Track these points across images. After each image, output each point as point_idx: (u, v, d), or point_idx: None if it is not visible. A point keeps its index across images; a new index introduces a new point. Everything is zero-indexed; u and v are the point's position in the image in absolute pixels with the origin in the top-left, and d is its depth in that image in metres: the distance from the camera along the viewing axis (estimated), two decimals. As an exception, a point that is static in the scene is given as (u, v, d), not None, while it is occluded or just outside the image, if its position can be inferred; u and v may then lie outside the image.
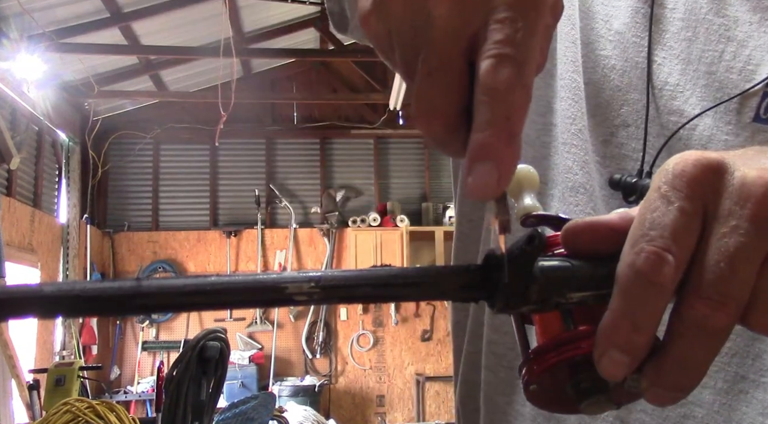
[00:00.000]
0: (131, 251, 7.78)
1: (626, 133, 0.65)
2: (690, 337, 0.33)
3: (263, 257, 7.88)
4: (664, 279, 0.33)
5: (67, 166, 7.17)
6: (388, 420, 7.78)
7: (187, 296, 0.33)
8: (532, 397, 0.38)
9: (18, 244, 5.85)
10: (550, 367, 0.36)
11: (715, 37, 0.63)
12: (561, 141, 0.69)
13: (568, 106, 0.69)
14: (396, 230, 7.68)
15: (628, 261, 0.34)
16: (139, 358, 7.52)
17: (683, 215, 0.34)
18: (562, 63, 0.71)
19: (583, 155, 0.67)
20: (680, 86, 0.64)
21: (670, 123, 0.63)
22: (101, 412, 2.90)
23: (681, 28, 0.65)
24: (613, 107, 0.66)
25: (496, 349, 0.69)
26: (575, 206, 0.67)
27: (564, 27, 0.71)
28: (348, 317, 7.86)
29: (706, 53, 0.63)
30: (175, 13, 6.24)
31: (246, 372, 7.18)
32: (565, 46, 0.71)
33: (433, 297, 0.36)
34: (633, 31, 0.66)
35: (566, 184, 0.68)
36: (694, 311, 0.33)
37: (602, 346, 0.34)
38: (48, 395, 3.73)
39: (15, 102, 5.85)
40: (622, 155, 0.65)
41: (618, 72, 0.66)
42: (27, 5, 5.13)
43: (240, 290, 0.33)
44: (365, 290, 0.35)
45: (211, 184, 8.05)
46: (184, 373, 2.85)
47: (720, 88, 0.62)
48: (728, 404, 0.58)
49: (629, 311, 0.33)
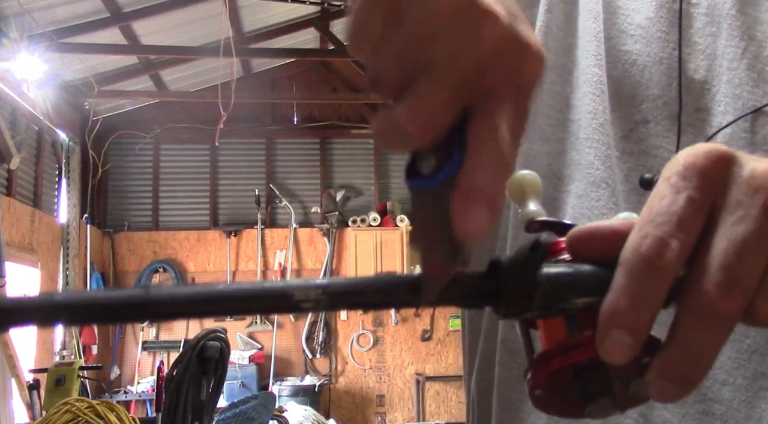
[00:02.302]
0: (131, 251, 7.78)
1: (646, 130, 0.65)
2: (696, 324, 0.33)
3: (263, 257, 7.88)
4: (667, 263, 0.33)
5: (67, 166, 7.17)
6: (388, 420, 7.78)
7: (197, 304, 0.33)
8: (538, 402, 0.38)
9: (18, 244, 5.85)
10: (555, 371, 0.36)
11: (738, 33, 0.63)
12: (583, 136, 0.68)
13: (590, 100, 0.68)
14: (396, 229, 7.68)
15: (633, 245, 0.34)
16: (139, 358, 7.52)
17: (691, 203, 0.34)
18: (583, 58, 0.70)
19: (605, 150, 0.67)
20: (707, 83, 0.63)
21: (697, 121, 0.63)
22: (101, 412, 2.90)
23: (705, 23, 0.65)
24: (633, 103, 0.65)
25: (511, 346, 0.69)
26: (597, 201, 0.66)
27: (586, 21, 0.70)
28: (348, 316, 7.86)
29: (728, 50, 0.63)
30: (175, 13, 6.23)
31: (246, 372, 7.18)
32: (586, 40, 0.70)
33: (439, 303, 0.37)
34: (657, 26, 0.65)
35: (587, 180, 0.67)
36: (701, 297, 0.33)
37: (605, 327, 0.34)
38: (48, 394, 3.74)
39: (15, 102, 5.85)
40: (642, 151, 0.65)
41: (639, 67, 0.65)
42: (27, 5, 5.13)
43: (248, 298, 0.34)
44: (371, 298, 0.35)
45: (211, 184, 8.05)
46: (184, 373, 2.85)
47: (739, 85, 0.62)
48: (748, 401, 0.58)
49: (631, 291, 0.33)
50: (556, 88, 0.71)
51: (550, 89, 0.71)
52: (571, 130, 0.69)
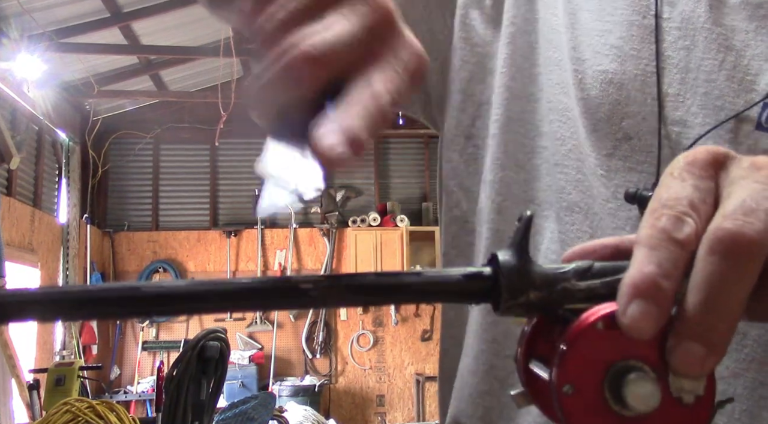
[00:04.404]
0: (131, 251, 7.78)
1: (629, 146, 0.66)
2: (714, 255, 0.32)
3: (263, 257, 7.88)
4: (686, 237, 0.33)
5: (67, 166, 7.17)
6: (388, 420, 7.78)
7: (214, 298, 0.34)
8: (567, 403, 0.34)
9: (18, 244, 5.85)
10: (584, 334, 0.34)
11: (714, 45, 0.64)
12: (553, 162, 0.69)
13: (558, 127, 0.69)
14: (396, 229, 7.68)
15: (650, 224, 0.34)
16: (139, 358, 7.52)
17: (697, 189, 0.35)
18: (548, 86, 0.71)
19: (576, 174, 0.68)
20: (681, 96, 0.64)
21: (673, 133, 0.64)
22: (101, 412, 2.90)
23: (678, 38, 0.66)
24: (614, 121, 0.66)
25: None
26: (571, 226, 0.67)
27: (547, 52, 0.72)
28: (348, 316, 7.86)
29: (706, 62, 0.64)
30: (175, 13, 6.24)
31: (246, 372, 7.18)
32: (549, 69, 0.71)
33: (435, 300, 0.37)
34: (631, 44, 0.66)
35: (561, 204, 0.68)
36: (717, 230, 0.33)
37: (626, 298, 0.33)
38: (48, 394, 3.73)
39: (15, 102, 5.85)
40: (627, 168, 0.65)
41: (616, 85, 0.66)
42: (27, 5, 5.13)
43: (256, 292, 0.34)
44: (363, 298, 0.35)
45: (211, 184, 8.05)
46: (184, 373, 2.85)
47: (720, 96, 0.63)
48: (749, 410, 0.58)
49: (653, 260, 0.33)
50: (526, 116, 0.72)
51: (521, 117, 0.73)
52: (544, 157, 0.71)
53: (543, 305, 0.35)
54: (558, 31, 0.71)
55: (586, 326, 0.34)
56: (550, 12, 0.73)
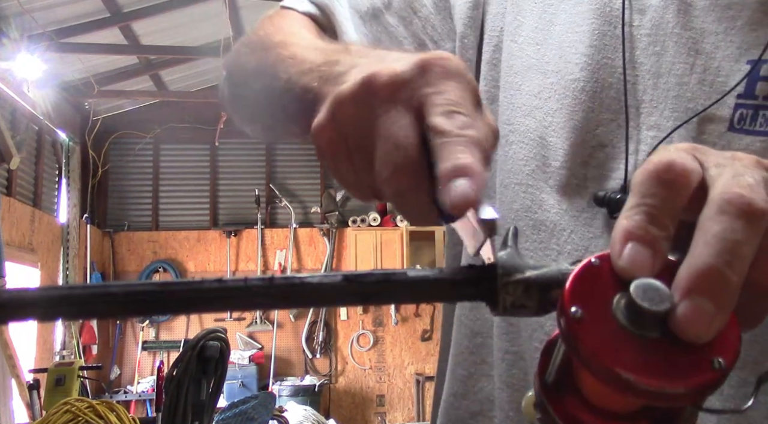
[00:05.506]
0: (131, 251, 7.78)
1: (603, 154, 0.66)
2: (718, 210, 0.33)
3: (263, 257, 7.88)
4: (676, 176, 0.34)
5: (67, 166, 7.17)
6: (388, 420, 7.78)
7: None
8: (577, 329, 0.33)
9: (18, 244, 5.85)
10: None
11: (684, 49, 0.64)
12: (516, 182, 0.71)
13: (520, 149, 0.71)
14: (396, 229, 7.68)
15: (642, 169, 0.35)
16: (139, 358, 7.51)
17: (683, 157, 0.36)
18: (508, 111, 0.72)
19: (539, 194, 0.69)
20: (654, 101, 0.65)
21: (648, 138, 0.65)
22: (101, 412, 2.90)
23: (648, 44, 0.66)
24: (588, 129, 0.67)
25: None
26: (539, 244, 0.68)
27: (507, 76, 0.73)
28: (348, 316, 7.86)
29: (677, 66, 0.65)
30: (175, 13, 6.23)
31: (246, 372, 7.18)
32: (510, 94, 0.72)
33: (433, 299, 0.37)
34: (602, 53, 0.67)
35: (527, 223, 0.69)
36: (729, 194, 0.33)
37: (620, 244, 0.33)
38: (48, 394, 3.73)
39: (15, 102, 5.85)
40: (603, 175, 0.66)
41: (588, 94, 0.67)
42: (27, 5, 5.13)
43: None
44: (356, 298, 0.36)
45: (211, 184, 8.05)
46: (184, 373, 2.85)
47: (692, 98, 0.63)
48: (737, 408, 0.59)
49: (644, 203, 0.33)
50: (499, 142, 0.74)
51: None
52: (511, 179, 0.72)
53: (541, 282, 0.35)
54: (515, 55, 0.72)
55: (585, 263, 0.34)
56: (518, 32, 0.74)
